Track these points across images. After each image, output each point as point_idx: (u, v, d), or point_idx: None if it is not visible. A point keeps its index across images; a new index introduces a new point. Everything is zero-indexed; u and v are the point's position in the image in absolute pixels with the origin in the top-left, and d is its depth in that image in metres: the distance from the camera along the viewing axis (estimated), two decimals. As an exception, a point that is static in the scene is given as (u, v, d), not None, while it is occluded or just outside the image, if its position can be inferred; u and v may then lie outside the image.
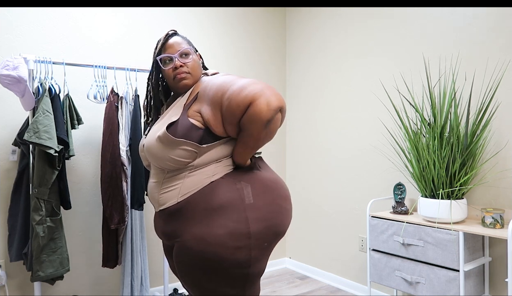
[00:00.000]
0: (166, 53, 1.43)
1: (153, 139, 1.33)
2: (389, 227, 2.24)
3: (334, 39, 3.09)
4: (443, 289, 1.99)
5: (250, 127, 1.23)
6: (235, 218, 1.24)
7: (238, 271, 1.26)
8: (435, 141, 2.05)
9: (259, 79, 1.26)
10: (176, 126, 1.31)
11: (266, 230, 1.28)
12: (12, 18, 2.31)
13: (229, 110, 1.24)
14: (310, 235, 3.31)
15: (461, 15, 2.28)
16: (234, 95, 1.22)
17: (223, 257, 1.23)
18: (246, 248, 1.24)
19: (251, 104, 1.19)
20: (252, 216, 1.25)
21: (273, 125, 1.24)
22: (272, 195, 1.32)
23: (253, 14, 3.38)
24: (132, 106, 2.35)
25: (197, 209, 1.27)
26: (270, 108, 1.19)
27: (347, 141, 2.97)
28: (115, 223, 2.22)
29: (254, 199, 1.28)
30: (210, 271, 1.26)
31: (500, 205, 2.11)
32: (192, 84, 1.45)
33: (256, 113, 1.19)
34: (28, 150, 2.14)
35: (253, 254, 1.26)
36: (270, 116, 1.20)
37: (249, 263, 1.26)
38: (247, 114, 1.21)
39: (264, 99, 1.19)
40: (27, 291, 2.34)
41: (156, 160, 1.33)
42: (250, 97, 1.20)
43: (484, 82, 2.18)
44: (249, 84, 1.22)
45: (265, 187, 1.32)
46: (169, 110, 1.42)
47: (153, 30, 2.84)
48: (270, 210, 1.29)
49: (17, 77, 1.95)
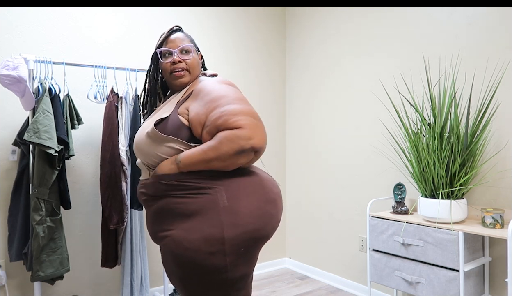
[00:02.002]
0: (167, 47, 1.43)
1: (142, 135, 1.32)
2: (389, 227, 2.24)
3: (334, 39, 3.09)
4: (443, 289, 1.98)
5: (222, 138, 1.18)
6: (210, 222, 1.19)
7: (217, 277, 1.21)
8: (435, 141, 2.05)
9: (256, 115, 1.24)
10: (166, 123, 1.29)
11: (243, 235, 1.20)
12: (12, 18, 2.31)
13: (215, 124, 1.21)
14: (310, 235, 3.31)
15: (461, 15, 2.28)
16: (228, 114, 1.20)
17: (198, 262, 1.19)
18: (220, 253, 1.18)
19: (239, 129, 1.18)
20: (227, 221, 1.19)
21: (241, 158, 1.20)
22: (254, 198, 1.25)
23: (253, 14, 3.38)
24: (132, 106, 2.35)
25: (176, 211, 1.23)
26: (250, 143, 1.18)
27: (347, 141, 2.97)
28: (114, 223, 2.22)
29: (233, 202, 1.21)
30: (191, 275, 1.23)
31: (500, 205, 2.11)
32: (188, 82, 1.44)
33: (236, 136, 1.17)
34: (28, 150, 2.14)
35: (229, 260, 1.20)
36: (248, 147, 1.17)
37: (226, 268, 1.20)
38: (229, 131, 1.18)
39: (249, 134, 1.18)
40: (27, 291, 2.34)
41: (143, 155, 1.33)
42: (242, 125, 1.18)
43: (484, 82, 2.18)
44: (247, 113, 1.21)
45: (247, 190, 1.25)
46: (162, 107, 1.41)
47: (153, 30, 2.84)
48: (250, 215, 1.22)
49: (17, 77, 1.95)
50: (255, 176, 1.30)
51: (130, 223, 2.36)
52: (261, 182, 1.30)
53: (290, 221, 3.52)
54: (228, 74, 3.24)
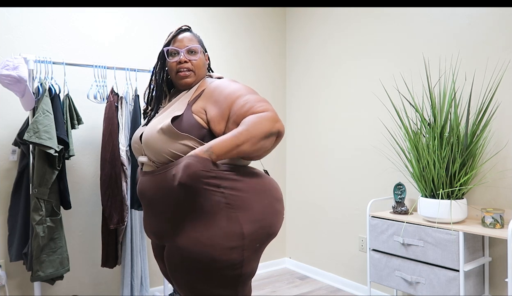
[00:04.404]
0: (175, 46, 1.45)
1: (153, 131, 1.32)
2: (389, 227, 2.24)
3: (334, 39, 3.09)
4: (443, 289, 1.99)
5: (252, 122, 1.24)
6: (228, 219, 1.23)
7: (231, 272, 1.26)
8: (435, 141, 2.05)
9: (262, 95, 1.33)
10: (180, 121, 1.31)
11: (260, 230, 1.27)
12: (12, 18, 2.31)
13: (241, 111, 1.28)
14: (310, 235, 3.31)
15: (461, 15, 2.28)
16: (252, 101, 1.28)
17: (216, 257, 1.22)
18: (239, 248, 1.24)
19: (265, 112, 1.26)
20: (244, 217, 1.25)
21: (268, 141, 1.27)
22: (265, 196, 1.31)
23: (253, 14, 3.38)
24: (132, 106, 2.35)
25: (190, 209, 1.25)
26: (277, 126, 1.27)
27: (347, 141, 2.97)
28: (114, 223, 2.22)
29: (246, 200, 1.27)
30: (203, 272, 1.25)
31: (500, 205, 2.11)
32: (193, 82, 1.46)
33: (264, 118, 1.25)
34: (28, 150, 2.14)
35: (246, 255, 1.26)
36: (275, 130, 1.26)
37: (241, 263, 1.26)
38: (257, 115, 1.26)
39: (275, 117, 1.27)
40: (27, 291, 2.34)
41: (153, 152, 1.32)
42: (266, 108, 1.28)
43: (484, 82, 2.18)
44: (267, 102, 1.31)
45: (258, 189, 1.31)
46: (171, 105, 1.41)
47: (153, 30, 2.84)
48: (262, 211, 1.29)
49: (17, 77, 1.95)
50: (263, 177, 1.36)
51: (130, 223, 2.36)
52: (269, 182, 1.36)
53: (290, 221, 3.52)
54: (228, 74, 3.24)
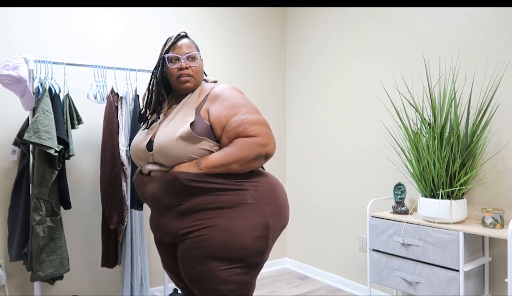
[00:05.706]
0: (175, 53, 1.50)
1: (171, 138, 1.36)
2: (389, 227, 2.24)
3: (334, 39, 3.09)
4: (443, 289, 1.99)
5: (242, 146, 1.33)
6: (253, 211, 1.35)
7: (256, 259, 1.37)
8: (435, 141, 2.05)
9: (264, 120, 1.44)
10: (194, 126, 1.38)
11: (281, 222, 1.42)
12: (12, 18, 2.31)
13: (235, 131, 1.35)
14: (310, 235, 3.31)
15: (461, 15, 2.28)
16: (247, 123, 1.35)
17: (247, 245, 1.33)
18: (265, 238, 1.36)
19: (256, 137, 1.35)
20: (267, 210, 1.38)
21: (256, 162, 1.36)
22: (278, 193, 1.44)
23: (253, 14, 3.38)
24: (132, 106, 2.35)
25: (215, 205, 1.35)
26: (265, 150, 1.36)
27: (347, 141, 2.97)
28: (114, 223, 2.22)
29: (266, 196, 1.39)
30: (229, 260, 1.33)
31: (500, 205, 2.11)
32: (193, 87, 1.52)
33: (254, 143, 1.34)
34: (28, 150, 2.14)
35: (269, 244, 1.39)
36: (263, 153, 1.35)
37: (265, 252, 1.38)
38: (248, 139, 1.34)
39: (265, 141, 1.36)
40: (27, 291, 2.34)
41: (170, 158, 1.37)
42: (258, 133, 1.35)
43: (484, 82, 2.18)
44: (263, 123, 1.38)
45: (272, 187, 1.44)
46: (178, 111, 1.45)
47: (153, 30, 2.84)
48: (281, 205, 1.43)
49: (17, 77, 1.95)
50: (272, 177, 1.49)
51: (130, 223, 2.36)
52: (278, 181, 1.50)
53: (290, 221, 3.52)
54: (228, 74, 3.24)
